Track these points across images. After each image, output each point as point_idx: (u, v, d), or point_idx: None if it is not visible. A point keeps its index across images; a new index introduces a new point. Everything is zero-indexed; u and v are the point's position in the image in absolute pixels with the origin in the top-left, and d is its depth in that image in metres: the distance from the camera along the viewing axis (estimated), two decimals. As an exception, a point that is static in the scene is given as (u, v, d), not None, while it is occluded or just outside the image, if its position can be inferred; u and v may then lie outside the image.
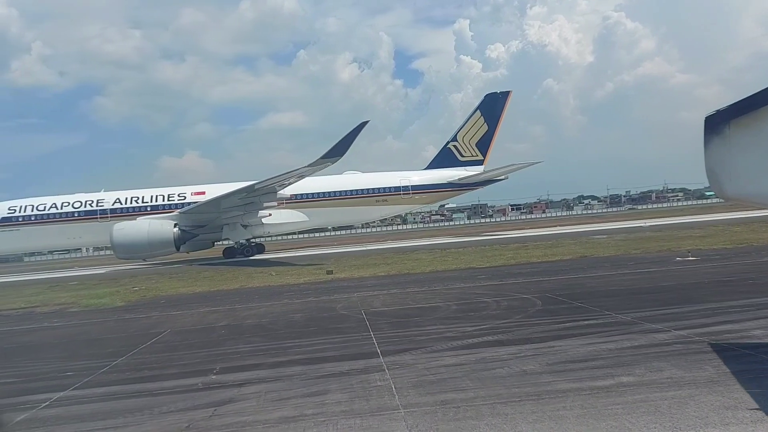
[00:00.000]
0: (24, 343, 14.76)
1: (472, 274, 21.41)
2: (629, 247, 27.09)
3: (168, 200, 47.25)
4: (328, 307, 16.18)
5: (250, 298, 19.96)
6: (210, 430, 6.61)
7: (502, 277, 19.51)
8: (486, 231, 63.39)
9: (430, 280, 20.77)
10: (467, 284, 18.57)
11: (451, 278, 20.74)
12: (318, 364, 9.39)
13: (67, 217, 46.07)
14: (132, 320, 17.12)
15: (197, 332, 13.94)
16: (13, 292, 29.89)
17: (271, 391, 8.01)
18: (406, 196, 51.15)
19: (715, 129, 5.52)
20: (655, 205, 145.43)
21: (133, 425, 7.06)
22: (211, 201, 43.70)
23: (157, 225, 42.38)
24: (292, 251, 50.20)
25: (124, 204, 46.98)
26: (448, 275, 21.96)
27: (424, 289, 18.42)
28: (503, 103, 54.82)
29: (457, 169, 53.03)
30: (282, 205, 48.00)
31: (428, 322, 12.46)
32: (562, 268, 20.94)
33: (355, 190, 50.54)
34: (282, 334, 12.72)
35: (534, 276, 19.22)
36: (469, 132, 54.25)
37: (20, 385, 10.00)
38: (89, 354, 12.30)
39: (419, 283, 19.88)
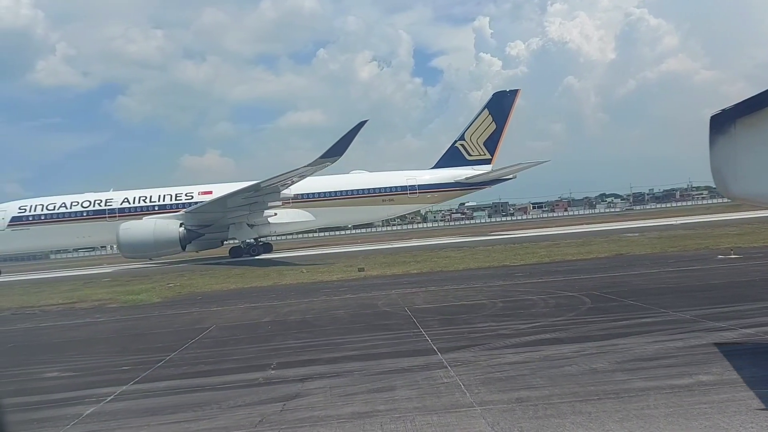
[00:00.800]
0: (73, 338, 14.93)
1: (508, 272, 21.24)
2: (665, 245, 26.70)
3: (176, 200, 47.55)
4: (368, 303, 16.15)
5: (286, 294, 19.99)
6: (284, 425, 6.58)
7: (541, 275, 19.34)
8: (508, 229, 63.03)
9: (466, 277, 20.63)
10: (507, 282, 18.42)
11: (487, 276, 20.58)
12: (375, 360, 9.34)
13: (76, 216, 46.64)
14: (174, 316, 17.23)
15: (243, 328, 13.98)
16: (49, 289, 30.30)
17: (336, 386, 7.98)
18: (412, 195, 50.87)
19: (720, 128, 5.46)
20: (679, 203, 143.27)
21: (205, 419, 7.06)
22: (216, 200, 43.84)
23: (163, 224, 42.44)
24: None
25: (132, 203, 47.40)
26: (483, 273, 21.81)
27: (462, 286, 18.30)
28: (512, 102, 54.18)
29: (465, 168, 52.57)
30: (288, 205, 48.09)
31: (477, 319, 12.35)
32: (601, 266, 20.69)
33: (361, 190, 50.37)
34: (329, 330, 12.71)
35: (573, 274, 19.00)
36: (477, 131, 53.67)
37: (79, 378, 10.09)
38: (140, 349, 12.41)
39: (456, 281, 19.76)
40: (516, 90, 55.52)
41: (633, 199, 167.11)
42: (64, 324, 17.57)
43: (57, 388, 9.50)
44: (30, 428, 7.34)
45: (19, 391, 9.48)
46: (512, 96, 54.66)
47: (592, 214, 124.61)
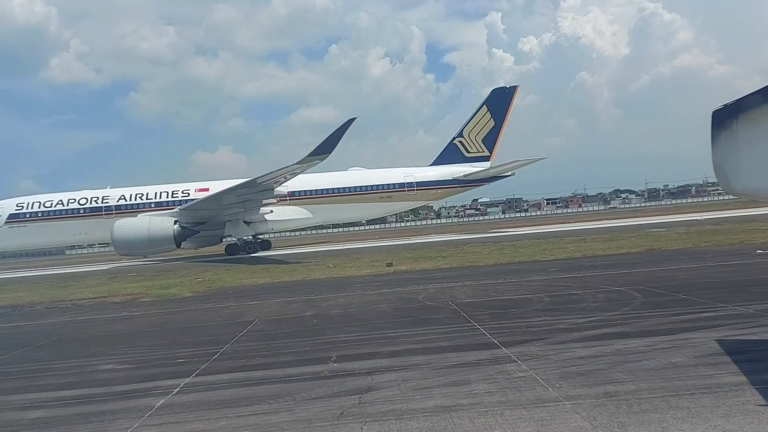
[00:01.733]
0: (116, 331, 14.93)
1: (542, 267, 21.06)
2: (696, 241, 26.40)
3: (172, 197, 47.39)
4: (409, 298, 16.05)
5: (319, 289, 19.92)
6: (368, 417, 6.49)
7: (578, 270, 19.14)
8: (525, 225, 62.58)
9: (501, 272, 20.47)
10: (545, 276, 18.25)
11: (521, 271, 20.44)
12: (438, 354, 9.23)
13: (73, 213, 46.66)
14: (213, 310, 17.24)
15: (288, 321, 13.94)
16: (77, 283, 30.47)
17: (407, 380, 7.88)
18: (410, 192, 50.64)
19: (722, 123, 5.43)
20: (695, 199, 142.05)
21: (283, 411, 6.99)
22: (210, 198, 43.65)
23: (158, 222, 42.23)
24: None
25: (128, 201, 47.27)
26: (516, 268, 21.65)
27: (500, 281, 18.15)
28: (510, 98, 53.74)
29: (463, 165, 52.15)
30: (285, 202, 47.99)
31: (529, 314, 12.21)
32: (637, 261, 20.47)
33: (359, 187, 50.08)
34: (377, 324, 12.60)
35: (611, 269, 18.78)
36: (476, 127, 53.27)
37: (137, 371, 10.06)
38: (190, 342, 12.39)
39: (491, 276, 19.58)
40: (515, 86, 55.16)
41: (648, 195, 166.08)
42: (103, 317, 17.63)
43: (118, 380, 9.48)
44: (105, 419, 7.30)
45: (80, 383, 9.48)
46: (511, 92, 54.24)
47: (609, 210, 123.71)
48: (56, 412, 7.90)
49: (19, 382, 9.92)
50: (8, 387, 9.59)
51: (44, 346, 13.32)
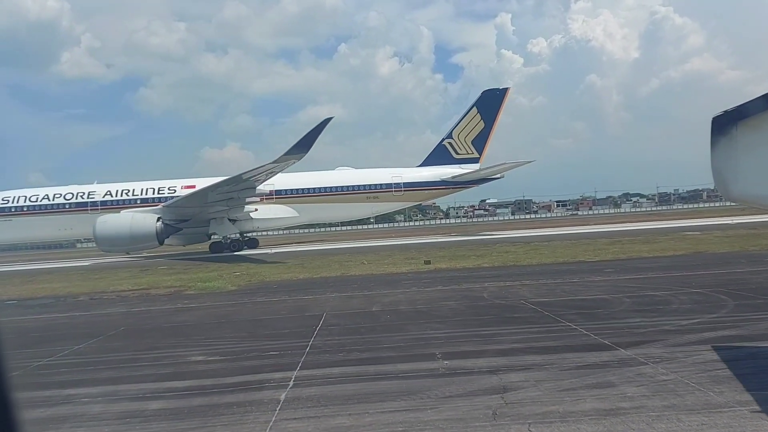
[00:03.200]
0: (182, 322, 14.69)
1: (593, 268, 20.71)
2: (741, 244, 26.05)
3: (158, 193, 47.05)
4: (473, 295, 15.75)
5: (367, 285, 19.56)
6: (527, 418, 6.20)
7: (635, 271, 18.79)
8: (541, 227, 61.97)
9: (553, 272, 20.10)
10: (605, 277, 17.92)
11: (574, 271, 20.11)
12: (552, 353, 8.92)
13: (58, 208, 46.31)
14: (269, 303, 16.98)
15: (359, 316, 13.62)
16: (108, 275, 30.24)
17: (540, 380, 7.57)
18: (397, 193, 50.11)
19: (722, 130, 5.40)
20: (706, 203, 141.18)
21: (427, 408, 6.71)
22: (192, 195, 43.20)
23: (140, 218, 41.82)
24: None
25: (114, 196, 46.91)
26: (566, 268, 21.31)
27: (559, 281, 17.82)
28: (501, 100, 53.16)
29: (452, 167, 51.47)
30: (271, 200, 47.67)
31: (619, 314, 11.90)
32: (693, 263, 20.11)
33: (345, 186, 49.65)
34: (460, 321, 12.32)
35: (671, 270, 18.44)
36: (465, 129, 52.66)
37: (233, 363, 9.79)
38: (269, 334, 12.12)
39: (546, 275, 19.19)
40: (506, 88, 54.67)
41: (659, 199, 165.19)
42: (158, 309, 17.38)
43: (220, 371, 9.20)
44: (235, 411, 7.03)
45: (182, 374, 9.22)
46: (501, 94, 53.66)
47: (621, 213, 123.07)
48: (177, 403, 7.64)
49: (115, 372, 9.67)
50: (108, 377, 9.34)
51: (116, 336, 13.07)
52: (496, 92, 53.88)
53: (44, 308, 19.32)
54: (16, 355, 11.54)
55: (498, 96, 53.57)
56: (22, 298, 22.59)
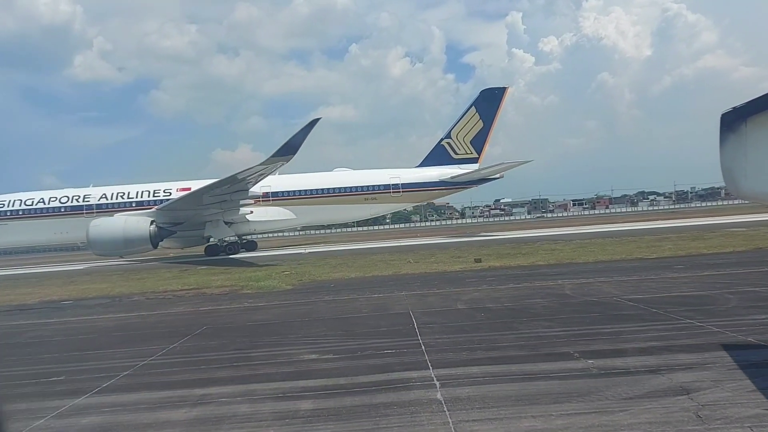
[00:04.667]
0: (265, 320, 14.27)
1: (659, 265, 20.18)
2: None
3: (153, 196, 46.82)
4: (555, 293, 15.21)
5: (432, 284, 19.11)
6: (742, 421, 5.77)
7: (709, 268, 18.08)
8: (564, 225, 61.43)
9: (620, 270, 19.54)
10: (681, 274, 17.37)
11: (640, 268, 19.55)
12: (705, 352, 8.36)
13: (54, 212, 46.14)
14: (342, 301, 16.57)
15: (450, 314, 13.19)
16: (150, 276, 30.05)
17: (717, 380, 7.10)
18: (396, 194, 49.83)
19: (731, 126, 5.32)
20: (725, 201, 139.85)
21: (616, 411, 6.29)
22: (185, 198, 42.88)
23: (134, 222, 41.53)
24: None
25: (110, 200, 46.67)
26: (628, 265, 20.71)
27: (633, 278, 17.30)
28: (499, 100, 52.72)
29: (451, 167, 51.24)
30: (268, 202, 47.39)
31: (737, 311, 11.38)
32: (760, 260, 19.60)
33: (344, 188, 49.39)
34: (565, 319, 11.83)
35: (747, 266, 17.97)
36: (464, 129, 52.29)
37: (355, 361, 9.36)
38: (368, 332, 11.69)
39: (616, 272, 18.69)
40: (504, 87, 54.05)
41: (676, 197, 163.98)
42: (227, 308, 17.04)
43: (347, 371, 8.77)
44: (402, 412, 6.65)
45: (308, 373, 8.85)
46: (500, 94, 53.14)
47: (644, 211, 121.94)
48: (328, 402, 7.27)
49: (233, 371, 9.31)
50: (230, 376, 8.98)
51: (204, 335, 12.72)
52: (494, 91, 53.43)
53: (106, 308, 19.07)
54: (111, 354, 11.27)
55: (497, 95, 53.11)
56: (75, 298, 22.38)
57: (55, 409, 7.71)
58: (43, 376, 9.72)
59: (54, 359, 11.24)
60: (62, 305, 20.52)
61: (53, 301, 21.86)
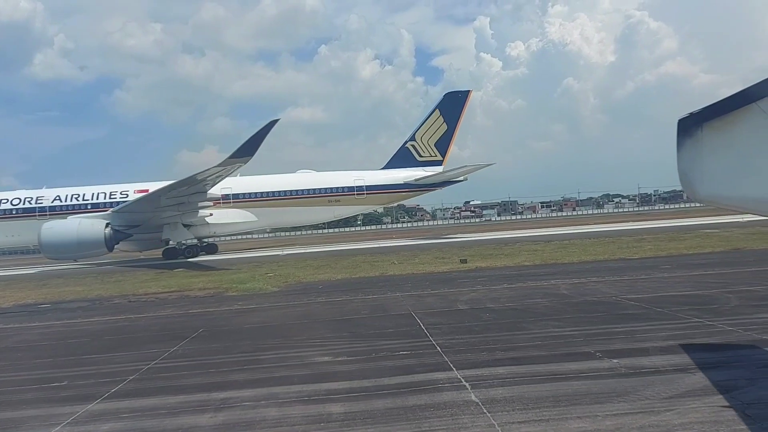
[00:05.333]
0: (262, 323, 13.96)
1: (643, 265, 20.41)
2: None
3: (110, 198, 45.63)
4: (553, 293, 15.25)
5: (424, 285, 18.90)
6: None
7: (696, 268, 18.34)
8: (536, 226, 61.82)
9: (604, 269, 19.67)
10: (671, 274, 17.59)
11: (627, 268, 19.74)
12: (728, 351, 8.47)
13: (5, 214, 44.70)
14: (338, 303, 16.32)
15: (455, 315, 13.09)
16: (128, 278, 29.33)
17: (753, 378, 7.10)
18: (360, 196, 49.47)
19: (688, 132, 5.52)
20: (687, 204, 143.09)
21: (662, 411, 6.20)
22: (141, 200, 41.83)
23: (88, 224, 40.31)
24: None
25: (64, 202, 45.37)
26: (614, 266, 20.91)
27: (624, 278, 17.45)
28: (463, 103, 53.05)
29: (415, 170, 51.20)
30: (228, 204, 46.71)
31: (741, 309, 11.50)
32: (745, 260, 19.98)
33: (307, 190, 48.88)
34: (573, 319, 11.79)
35: (734, 266, 18.31)
36: (428, 131, 52.35)
37: (372, 363, 9.15)
38: (375, 334, 11.49)
39: (603, 273, 18.76)
40: (467, 91, 54.61)
41: (640, 200, 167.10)
42: (216, 311, 16.62)
43: (367, 373, 8.55)
44: (441, 414, 6.47)
45: (327, 375, 8.56)
46: (464, 97, 53.54)
47: (612, 213, 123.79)
48: (360, 405, 7.04)
49: (247, 374, 9.02)
50: (246, 379, 8.67)
51: (203, 338, 12.34)
52: (458, 95, 53.74)
53: (88, 311, 18.45)
54: (110, 358, 10.86)
55: (460, 98, 53.37)
56: (53, 301, 21.62)
57: (69, 415, 7.32)
58: (43, 382, 9.27)
59: (49, 364, 10.74)
60: (41, 309, 19.78)
61: (29, 305, 21.07)
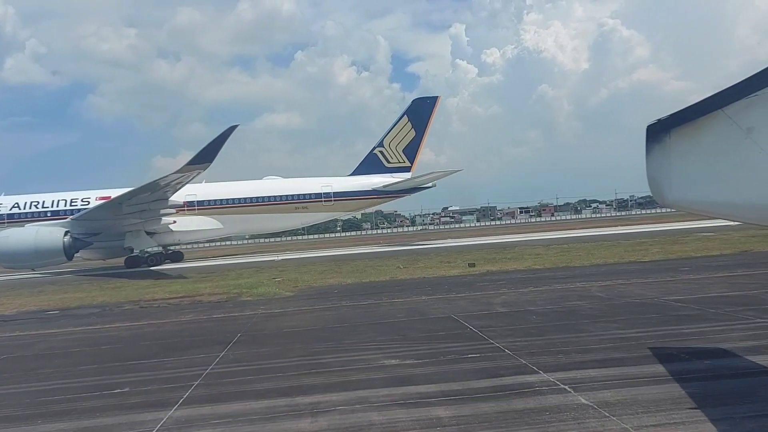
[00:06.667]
0: (296, 327, 13.51)
1: (659, 267, 20.49)
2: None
3: (70, 205, 44.76)
4: (589, 295, 15.05)
5: (443, 288, 18.66)
6: None
7: (717, 270, 18.36)
8: (519, 232, 61.70)
9: (623, 272, 19.59)
10: (695, 275, 17.54)
11: (645, 270, 19.81)
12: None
13: None
14: (366, 307, 15.95)
15: (499, 317, 12.86)
16: (126, 285, 28.62)
17: None
18: (327, 203, 49.48)
19: (656, 137, 5.65)
20: (664, 209, 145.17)
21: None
22: (101, 207, 41.05)
23: (46, 232, 39.10)
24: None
25: (22, 209, 44.42)
26: (630, 268, 20.93)
27: (649, 280, 17.35)
28: (431, 109, 53.35)
29: (383, 176, 51.19)
30: (193, 212, 46.23)
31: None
32: (759, 261, 20.11)
33: (273, 197, 48.58)
34: (628, 321, 11.47)
35: (754, 268, 18.32)
36: (396, 137, 52.46)
37: (446, 366, 8.85)
38: (428, 337, 11.23)
39: (626, 275, 18.65)
40: (436, 97, 54.95)
41: (617, 205, 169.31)
42: (243, 315, 16.16)
43: (449, 376, 8.23)
44: (563, 418, 6.23)
45: (405, 379, 8.27)
46: (432, 103, 53.78)
47: (595, 218, 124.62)
48: (465, 409, 6.72)
49: (317, 378, 8.59)
50: (322, 383, 8.27)
51: (248, 343, 11.91)
52: (426, 101, 53.93)
53: (102, 317, 17.90)
54: (159, 364, 10.41)
55: (428, 104, 53.53)
56: (58, 308, 20.91)
57: (155, 422, 6.92)
58: (102, 388, 8.78)
59: (96, 371, 10.25)
60: (50, 315, 19.07)
61: (34, 312, 20.32)
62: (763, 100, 4.80)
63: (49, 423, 7.25)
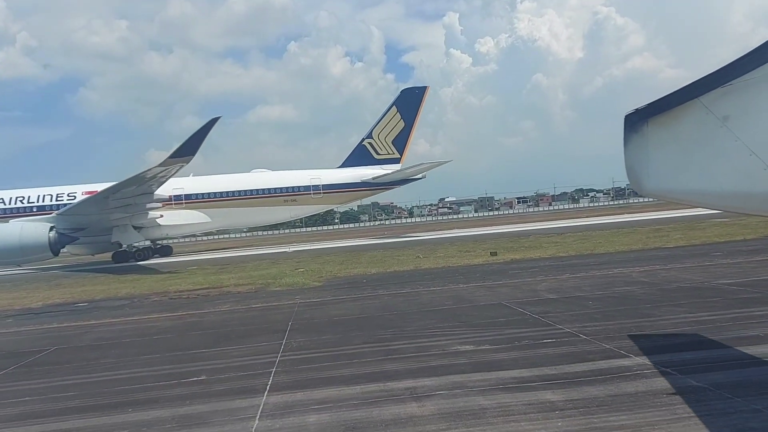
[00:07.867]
0: (344, 315, 13.34)
1: (689, 253, 20.34)
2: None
3: (56, 200, 44.25)
4: (634, 281, 15.04)
5: (474, 277, 18.53)
6: None
7: (750, 254, 18.42)
8: (523, 221, 61.59)
9: (655, 258, 19.49)
10: (731, 260, 17.50)
11: (677, 256, 19.60)
12: None
13: None
14: (404, 295, 15.80)
15: (551, 303, 12.72)
16: (144, 276, 28.41)
17: None
18: (316, 195, 48.95)
19: (634, 127, 5.68)
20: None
21: None
22: (86, 201, 40.54)
23: (31, 228, 38.80)
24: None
25: (7, 204, 44.15)
26: (660, 254, 20.89)
27: (688, 264, 17.30)
28: (420, 99, 52.97)
29: (373, 168, 50.80)
30: (181, 205, 45.94)
31: None
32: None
33: (262, 190, 48.27)
34: (689, 305, 11.37)
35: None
36: (385, 129, 52.10)
37: (519, 352, 8.71)
38: (486, 324, 11.08)
39: (656, 261, 18.59)
40: (425, 87, 54.53)
41: (614, 194, 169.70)
42: (282, 304, 15.99)
43: (523, 362, 8.10)
44: (691, 400, 6.09)
45: (487, 364, 8.13)
46: (421, 93, 53.39)
47: (591, 207, 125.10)
48: (570, 393, 6.61)
49: (398, 363, 8.50)
50: (405, 369, 8.14)
51: (303, 331, 11.76)
52: (415, 91, 53.49)
53: (136, 309, 17.74)
54: (223, 353, 10.28)
55: (417, 95, 53.11)
56: (85, 300, 20.70)
57: (253, 408, 6.79)
58: (178, 377, 8.63)
59: (161, 360, 10.10)
60: (80, 308, 18.85)
61: (60, 304, 20.10)
62: (738, 89, 4.83)
63: (143, 411, 7.08)
